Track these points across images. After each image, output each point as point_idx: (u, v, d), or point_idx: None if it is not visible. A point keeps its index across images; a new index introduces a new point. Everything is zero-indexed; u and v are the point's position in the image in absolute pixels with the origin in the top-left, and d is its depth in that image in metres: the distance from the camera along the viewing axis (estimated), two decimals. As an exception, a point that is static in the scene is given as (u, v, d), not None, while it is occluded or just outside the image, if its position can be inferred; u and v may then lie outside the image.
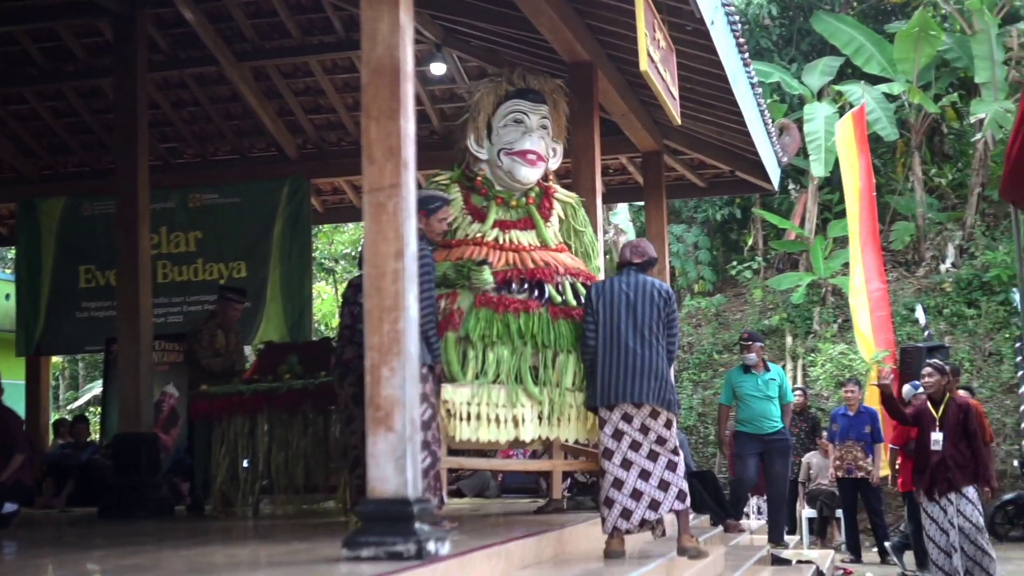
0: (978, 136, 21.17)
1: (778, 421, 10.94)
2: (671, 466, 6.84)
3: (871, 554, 13.44)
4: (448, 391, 7.08)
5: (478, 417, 7.17)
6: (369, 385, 5.01)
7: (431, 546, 4.97)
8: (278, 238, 14.01)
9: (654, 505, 6.82)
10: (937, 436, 9.64)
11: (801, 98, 22.01)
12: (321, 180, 14.94)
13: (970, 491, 9.58)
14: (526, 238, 8.07)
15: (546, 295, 7.62)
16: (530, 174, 8.17)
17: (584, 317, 7.15)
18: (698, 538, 7.22)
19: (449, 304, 7.44)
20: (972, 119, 21.49)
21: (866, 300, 15.27)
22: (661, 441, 6.84)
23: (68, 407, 25.95)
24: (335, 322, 25.97)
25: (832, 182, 21.02)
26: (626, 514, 6.83)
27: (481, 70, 12.81)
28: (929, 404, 9.96)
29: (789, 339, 20.40)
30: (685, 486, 6.91)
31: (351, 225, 24.48)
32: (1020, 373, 16.24)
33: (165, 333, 13.31)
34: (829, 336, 20.08)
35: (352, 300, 7.28)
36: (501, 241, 7.96)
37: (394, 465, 4.93)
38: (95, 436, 15.97)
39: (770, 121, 11.84)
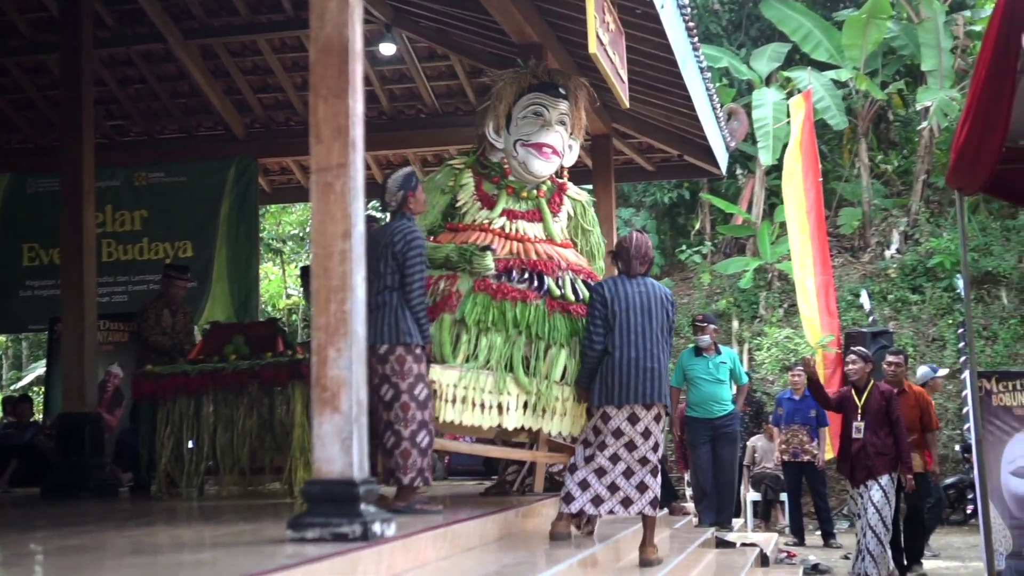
0: (924, 124, 21.36)
1: (728, 404, 11.01)
2: (654, 471, 6.97)
3: (814, 537, 13.57)
4: (436, 371, 7.11)
5: (463, 400, 7.20)
6: (316, 366, 4.99)
7: (377, 528, 4.96)
8: (225, 218, 13.92)
9: (626, 502, 6.93)
10: (859, 424, 9.73)
11: (749, 83, 22.11)
12: (269, 160, 14.85)
13: (884, 479, 9.67)
14: (532, 230, 8.09)
15: (545, 287, 7.65)
16: (544, 167, 8.17)
17: (591, 316, 7.15)
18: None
19: (448, 286, 7.48)
20: (918, 107, 21.68)
21: (812, 285, 15.38)
22: (656, 448, 6.99)
23: (11, 387, 25.66)
24: (282, 303, 25.87)
25: (780, 168, 21.14)
26: (597, 501, 6.92)
27: (430, 50, 12.78)
28: (853, 392, 10.07)
29: (736, 323, 20.52)
30: (659, 493, 7.03)
31: (299, 206, 24.34)
32: (963, 359, 16.41)
33: (109, 312, 13.18)
34: (775, 321, 20.22)
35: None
36: (508, 230, 7.98)
37: (340, 446, 4.91)
38: (38, 416, 15.81)
39: (718, 106, 11.89)
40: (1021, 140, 10.37)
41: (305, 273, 10.38)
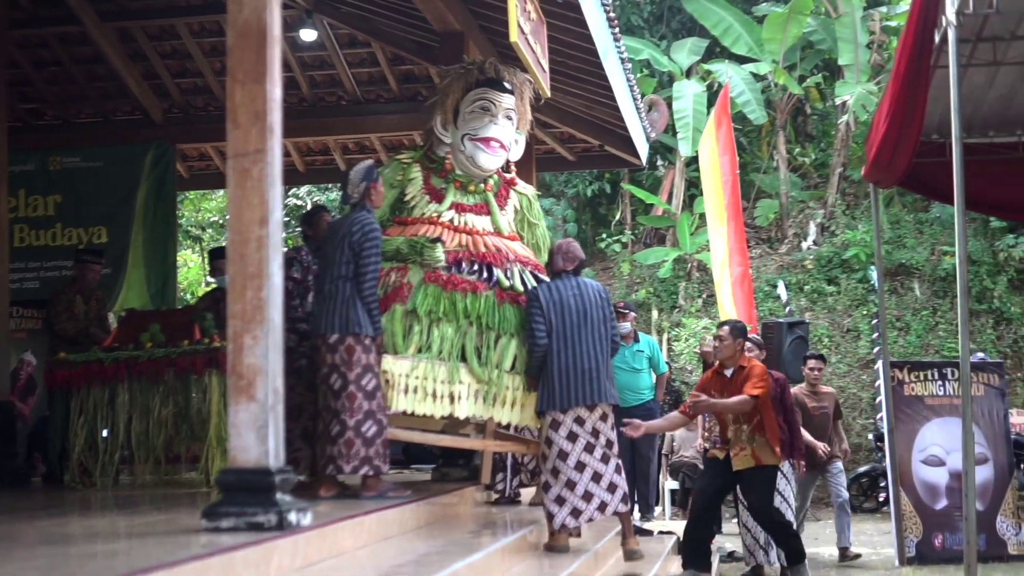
0: (841, 118, 21.63)
1: (644, 392, 11.06)
2: (618, 469, 7.21)
3: (731, 525, 13.70)
4: (388, 362, 7.17)
5: (415, 390, 7.27)
6: (231, 354, 4.94)
7: (292, 517, 4.93)
8: (141, 204, 13.72)
9: (602, 507, 7.18)
10: None
11: (670, 75, 22.24)
12: (187, 145, 14.68)
13: (784, 466, 9.77)
14: (480, 223, 8.16)
15: (494, 279, 7.72)
16: (491, 161, 8.25)
17: (531, 316, 7.37)
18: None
19: (399, 277, 7.55)
20: (835, 100, 21.93)
21: (729, 276, 15.50)
22: (610, 444, 7.21)
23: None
24: (201, 290, 25.59)
25: (699, 159, 21.31)
26: (575, 513, 7.14)
27: (351, 37, 12.70)
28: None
29: (655, 313, 20.65)
30: (627, 488, 7.31)
31: (219, 192, 24.09)
32: (876, 349, 16.64)
33: (22, 299, 12.95)
34: (694, 311, 20.38)
35: (285, 274, 7.45)
36: (456, 223, 8.05)
37: (256, 435, 4.87)
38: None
39: (639, 97, 11.95)
40: (935, 135, 10.57)
41: (213, 255, 10.26)
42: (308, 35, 12.33)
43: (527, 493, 8.97)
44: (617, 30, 9.96)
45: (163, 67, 13.48)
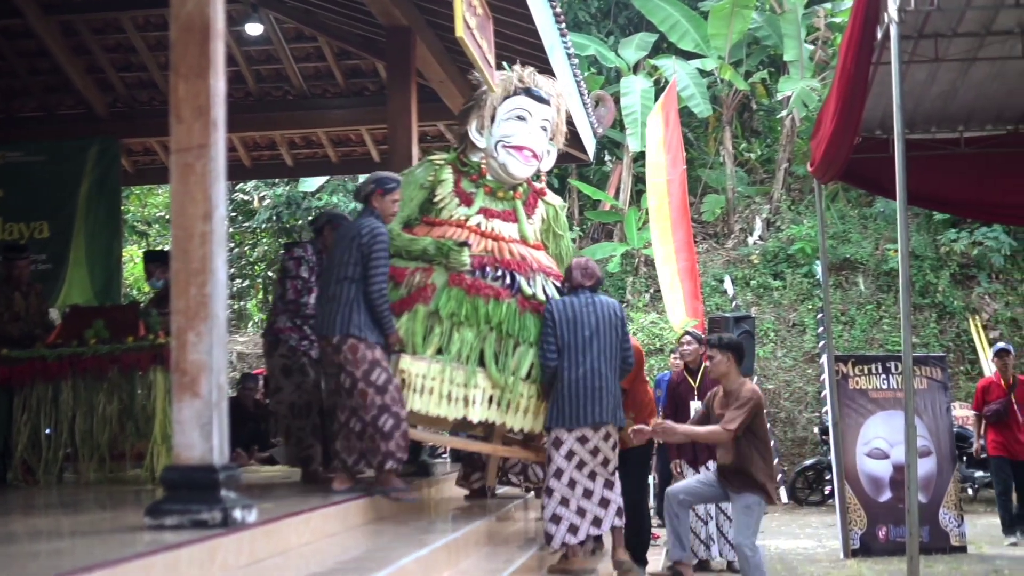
0: (785, 113, 21.79)
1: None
2: (608, 484, 7.25)
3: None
4: (406, 361, 7.24)
5: (431, 391, 7.33)
6: (175, 350, 4.91)
7: (237, 514, 4.91)
8: (84, 199, 13.56)
9: (596, 522, 7.21)
10: (696, 404, 9.84)
11: (617, 71, 22.32)
12: (132, 140, 14.53)
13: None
14: (507, 230, 8.17)
15: (517, 286, 7.74)
16: (523, 169, 8.28)
17: (544, 334, 7.42)
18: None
19: (424, 278, 7.58)
20: (780, 96, 22.10)
21: (676, 270, 15.57)
22: (605, 463, 7.24)
23: None
24: (148, 286, 25.39)
25: (646, 154, 21.39)
26: (573, 529, 7.18)
27: (298, 31, 12.64)
28: (686, 374, 10.25)
29: (602, 308, 20.67)
30: (621, 503, 7.32)
31: (165, 187, 23.91)
32: (821, 343, 16.81)
33: (-38, 296, 12.77)
34: (641, 305, 20.46)
35: (295, 274, 8.00)
36: (483, 228, 8.06)
37: (200, 432, 4.84)
38: None
39: (586, 92, 11.96)
40: (878, 130, 10.67)
41: (147, 258, 10.18)
42: (254, 29, 12.25)
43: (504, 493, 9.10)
44: (564, 26, 9.97)
45: (107, 61, 13.34)
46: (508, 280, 7.75)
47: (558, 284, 7.97)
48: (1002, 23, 8.70)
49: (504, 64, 8.69)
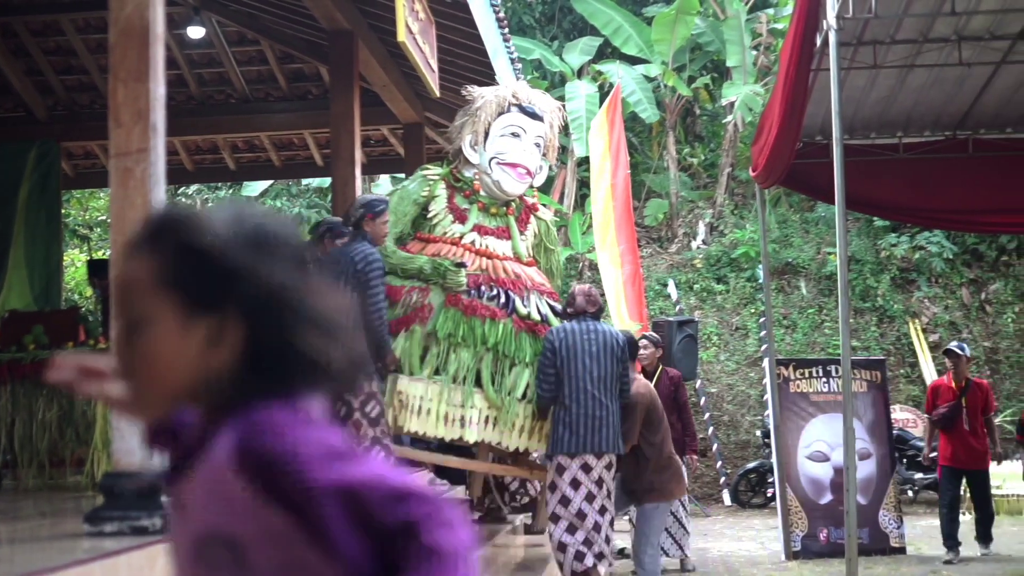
0: (728, 118, 21.95)
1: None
2: (611, 522, 7.38)
3: (623, 522, 13.81)
4: (403, 382, 7.27)
5: (428, 412, 7.36)
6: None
7: (178, 519, 4.87)
8: (23, 203, 13.40)
9: (600, 556, 7.28)
10: None
11: (562, 76, 22.38)
12: (73, 143, 14.39)
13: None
14: (501, 247, 8.20)
15: (511, 306, 7.76)
16: (516, 186, 8.32)
17: (542, 364, 7.43)
18: None
19: (421, 297, 7.60)
20: (723, 101, 22.25)
21: (620, 275, 15.62)
22: (608, 495, 7.31)
23: None
24: (90, 291, 25.13)
25: (590, 159, 21.47)
26: (579, 556, 7.24)
27: (240, 35, 12.58)
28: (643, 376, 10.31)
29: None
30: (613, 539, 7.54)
31: (107, 191, 23.70)
32: (764, 347, 16.95)
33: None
34: (585, 310, 20.49)
35: None
36: (477, 245, 8.09)
37: (140, 438, 4.80)
38: None
39: (530, 97, 11.98)
40: (818, 136, 10.79)
41: (91, 268, 10.12)
42: (196, 32, 12.17)
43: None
44: (507, 30, 10.00)
45: (47, 64, 13.21)
46: (503, 300, 7.79)
47: (552, 303, 8.05)
48: (939, 31, 8.84)
49: (496, 80, 8.77)
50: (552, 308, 7.97)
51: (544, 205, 8.72)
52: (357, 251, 7.03)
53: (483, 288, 7.77)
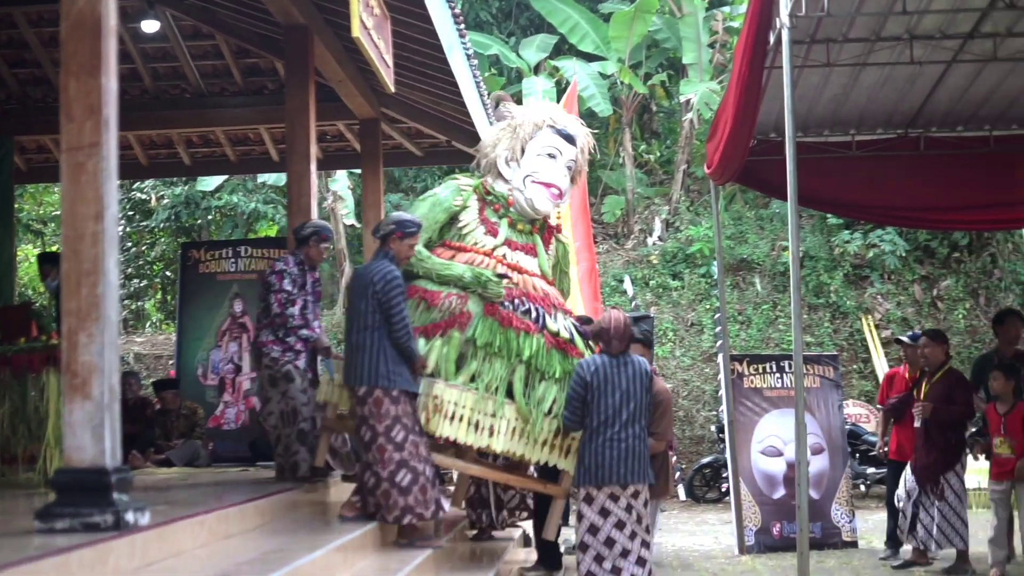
0: (685, 115, 22.04)
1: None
2: (645, 544, 7.36)
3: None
4: (439, 387, 7.30)
5: (461, 419, 7.40)
6: (66, 351, 4.87)
7: (130, 516, 4.87)
8: (-25, 197, 13.31)
9: None
10: None
11: (519, 72, 22.41)
12: (25, 138, 14.24)
13: None
14: (528, 263, 8.29)
15: (542, 321, 7.82)
16: (548, 206, 8.45)
17: (570, 395, 7.45)
18: None
19: (459, 304, 7.65)
20: (680, 98, 22.34)
21: (576, 271, 15.67)
22: (639, 520, 7.32)
23: None
24: (43, 287, 24.92)
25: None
26: None
27: (195, 29, 12.51)
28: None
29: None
30: (651, 559, 7.47)
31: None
32: (719, 343, 17.03)
33: None
34: (542, 306, 20.53)
35: (278, 287, 8.15)
36: (508, 259, 8.17)
37: (91, 434, 4.80)
38: None
39: (486, 93, 11.99)
40: (772, 133, 10.86)
41: (41, 260, 10.07)
42: (150, 26, 12.08)
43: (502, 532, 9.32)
44: (463, 26, 9.99)
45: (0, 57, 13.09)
46: (534, 315, 7.85)
47: (577, 324, 8.15)
48: (891, 29, 8.92)
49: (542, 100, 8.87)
50: (577, 329, 8.07)
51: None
52: (376, 270, 7.06)
53: (516, 301, 7.84)
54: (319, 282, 8.85)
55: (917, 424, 9.94)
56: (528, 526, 10.06)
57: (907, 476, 10.07)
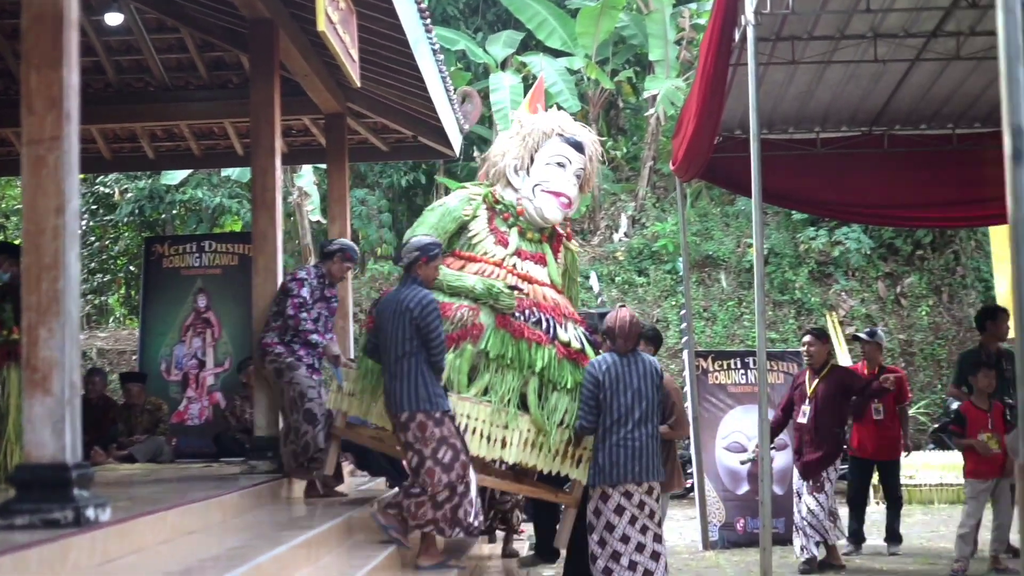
0: (651, 112, 22.09)
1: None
2: (657, 539, 7.39)
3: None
4: (452, 400, 7.26)
5: (474, 431, 7.41)
6: (26, 347, 4.83)
7: (90, 512, 4.84)
8: (-64, 191, 13.19)
9: (647, 574, 7.31)
10: None
11: (486, 67, 22.39)
12: (-14, 130, 14.15)
13: None
14: (538, 273, 8.27)
15: (553, 332, 7.82)
16: (558, 215, 8.47)
17: (583, 395, 7.47)
18: None
19: (472, 316, 7.64)
20: (646, 95, 22.38)
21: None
22: (651, 515, 7.36)
23: None
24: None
25: (514, 151, 21.49)
26: None
27: (159, 22, 12.42)
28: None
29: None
30: (667, 554, 7.52)
31: (21, 179, 23.27)
32: (684, 339, 17.06)
33: None
34: (508, 301, 20.53)
35: (296, 293, 8.33)
36: (519, 269, 8.15)
37: (51, 429, 4.76)
38: None
39: (452, 88, 11.98)
40: (738, 130, 10.89)
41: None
42: (114, 19, 11.99)
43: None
44: (429, 21, 9.97)
45: (-40, 49, 12.96)
46: (545, 326, 7.84)
47: (587, 333, 8.15)
48: (855, 27, 8.95)
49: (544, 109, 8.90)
50: (589, 340, 8.09)
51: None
52: (411, 297, 7.04)
53: (527, 312, 7.83)
54: (336, 298, 8.99)
55: (803, 420, 10.03)
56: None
57: (795, 475, 10.19)
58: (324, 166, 16.91)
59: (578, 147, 8.52)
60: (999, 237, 14.46)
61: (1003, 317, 10.35)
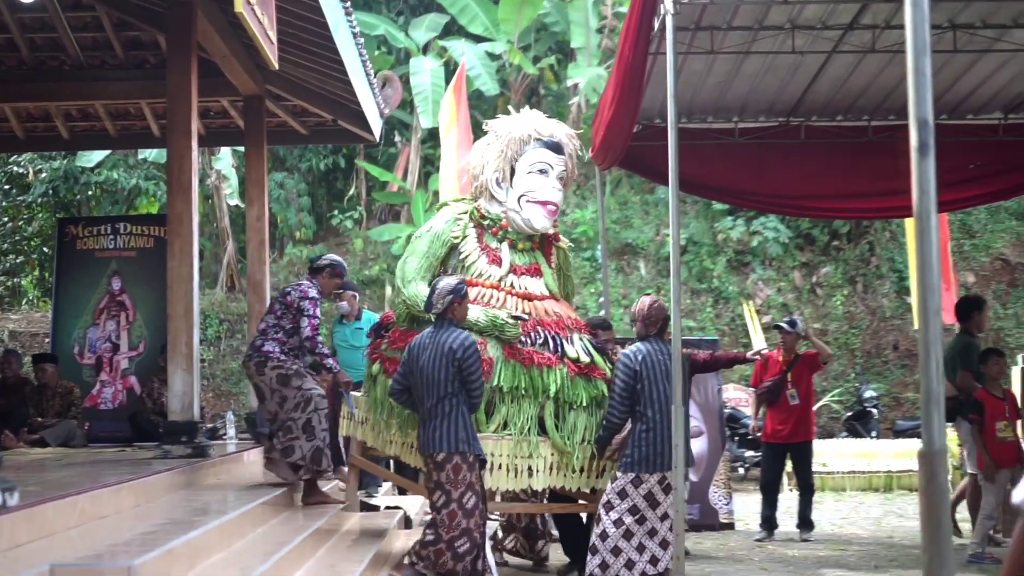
0: (573, 100, 22.14)
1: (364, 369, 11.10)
2: (670, 527, 7.47)
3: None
4: None
5: (499, 467, 7.45)
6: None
7: (-3, 497, 4.77)
8: None
9: (653, 560, 7.45)
10: None
11: (407, 52, 22.30)
12: None
13: None
14: (535, 286, 8.26)
15: (560, 349, 7.83)
16: (546, 223, 8.43)
17: (616, 387, 7.56)
18: None
19: (480, 350, 7.45)
20: (568, 82, 22.43)
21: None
22: (671, 503, 7.46)
23: None
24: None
25: (435, 136, 21.43)
26: (629, 565, 7.42)
27: (76, 0, 12.21)
28: None
29: (389, 289, 20.71)
30: (673, 544, 7.50)
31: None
32: (603, 326, 17.13)
33: None
34: (427, 287, 20.49)
35: (311, 313, 8.34)
36: (516, 288, 8.12)
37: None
38: None
39: (373, 72, 11.92)
40: (657, 119, 10.95)
41: None
42: (28, -4, 11.78)
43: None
44: (349, 4, 9.90)
45: None
46: (552, 345, 7.84)
47: (594, 340, 8.18)
48: (773, 19, 9.04)
49: (511, 109, 8.86)
50: (595, 346, 8.12)
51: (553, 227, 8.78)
52: (454, 339, 7.03)
53: (532, 335, 7.83)
54: None
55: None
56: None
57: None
58: (242, 149, 16.76)
59: (556, 148, 8.51)
60: (913, 229, 14.68)
61: (985, 309, 10.61)
